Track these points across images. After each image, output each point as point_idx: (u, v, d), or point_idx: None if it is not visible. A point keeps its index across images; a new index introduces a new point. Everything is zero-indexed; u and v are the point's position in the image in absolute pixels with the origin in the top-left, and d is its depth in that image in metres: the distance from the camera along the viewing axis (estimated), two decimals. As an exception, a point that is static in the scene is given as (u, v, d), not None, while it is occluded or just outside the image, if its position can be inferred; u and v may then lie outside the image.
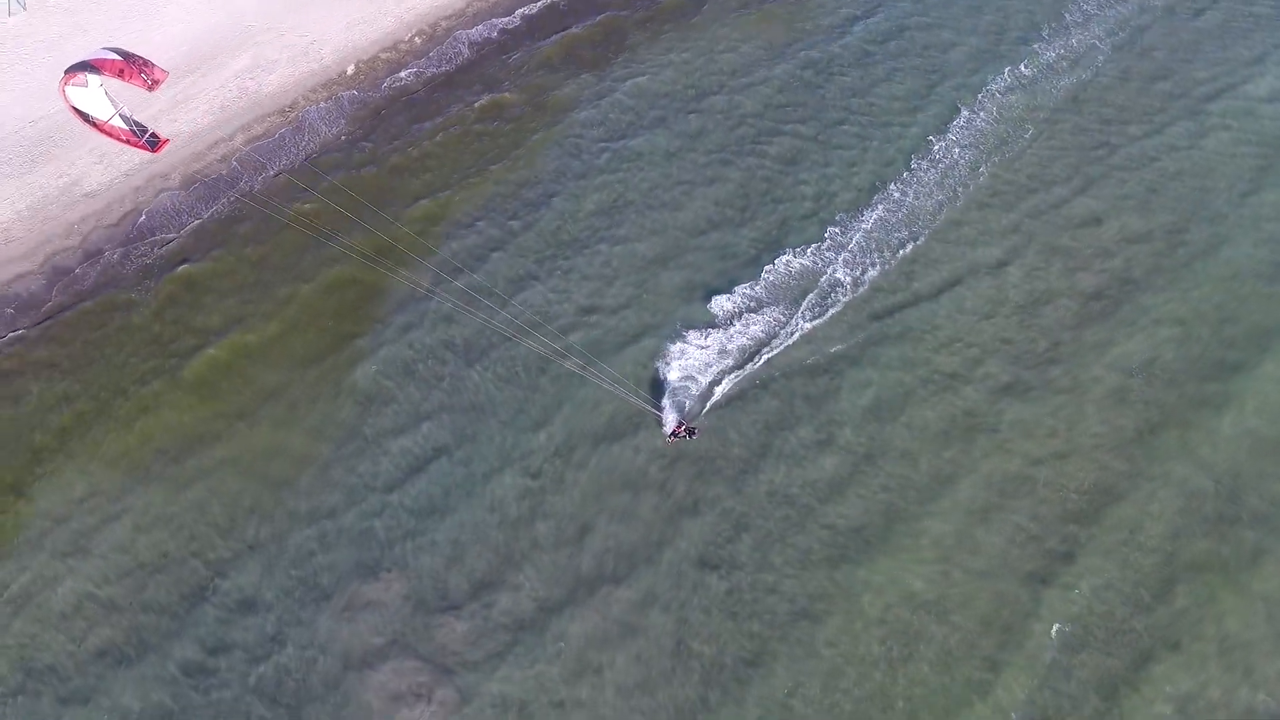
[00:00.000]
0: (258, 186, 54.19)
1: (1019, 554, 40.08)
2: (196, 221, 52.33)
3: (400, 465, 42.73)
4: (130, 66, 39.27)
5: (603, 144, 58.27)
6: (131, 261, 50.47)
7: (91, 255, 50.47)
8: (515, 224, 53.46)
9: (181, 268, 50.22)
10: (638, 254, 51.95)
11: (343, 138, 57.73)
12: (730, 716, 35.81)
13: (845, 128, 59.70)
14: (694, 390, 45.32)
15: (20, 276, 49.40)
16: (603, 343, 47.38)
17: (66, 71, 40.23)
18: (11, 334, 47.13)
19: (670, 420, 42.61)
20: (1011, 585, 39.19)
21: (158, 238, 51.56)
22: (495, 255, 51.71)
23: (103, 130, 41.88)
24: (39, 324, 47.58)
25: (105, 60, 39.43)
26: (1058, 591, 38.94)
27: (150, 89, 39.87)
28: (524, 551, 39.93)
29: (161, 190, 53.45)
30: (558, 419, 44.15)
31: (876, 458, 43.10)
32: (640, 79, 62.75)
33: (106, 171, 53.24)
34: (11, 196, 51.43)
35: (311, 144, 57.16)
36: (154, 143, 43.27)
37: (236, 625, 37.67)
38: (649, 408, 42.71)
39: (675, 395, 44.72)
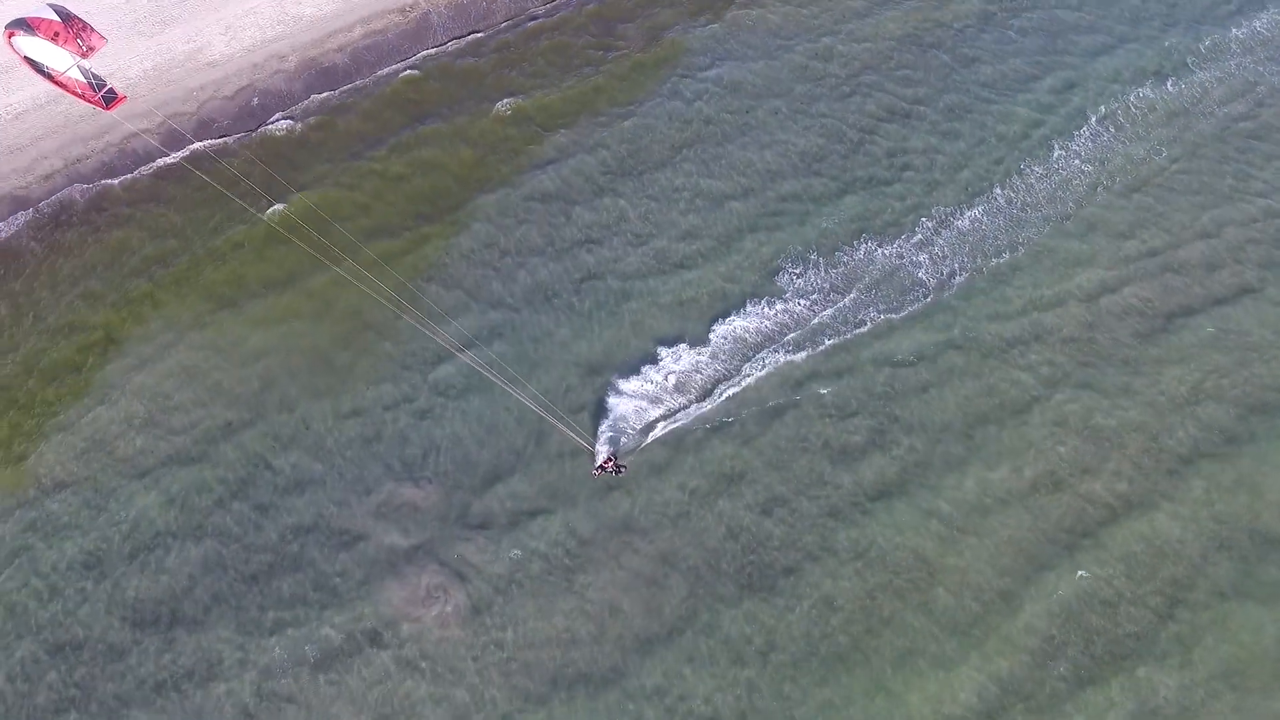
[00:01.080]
0: (369, 79, 59.95)
1: (1033, 541, 42.22)
2: (304, 103, 58.09)
3: (460, 358, 46.85)
4: (67, 30, 39.96)
5: (702, 74, 61.75)
6: (240, 131, 56.58)
7: (204, 125, 55.96)
8: (602, 134, 57.77)
9: (283, 123, 56.82)
10: (714, 191, 55.08)
11: (453, 42, 62.63)
12: (718, 636, 39.18)
13: (959, 102, 60.87)
14: (745, 352, 47.96)
15: (138, 134, 55.83)
16: (653, 269, 51.20)
17: (6, 28, 40.70)
18: (125, 177, 53.87)
19: (601, 453, 43.97)
20: (1017, 567, 41.47)
21: (268, 117, 57.48)
22: (573, 161, 56.03)
23: (56, 82, 41.87)
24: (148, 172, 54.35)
25: (42, 20, 39.97)
26: (1060, 583, 41.01)
27: (84, 55, 40.40)
28: (556, 468, 43.70)
29: (277, 71, 58.71)
30: (596, 338, 48.34)
31: (914, 429, 45.49)
32: (754, 11, 65.92)
33: (230, 44, 58.87)
34: (141, 55, 57.23)
35: (427, 44, 62.10)
36: (110, 99, 43.27)
37: (279, 471, 42.75)
38: (580, 441, 44.00)
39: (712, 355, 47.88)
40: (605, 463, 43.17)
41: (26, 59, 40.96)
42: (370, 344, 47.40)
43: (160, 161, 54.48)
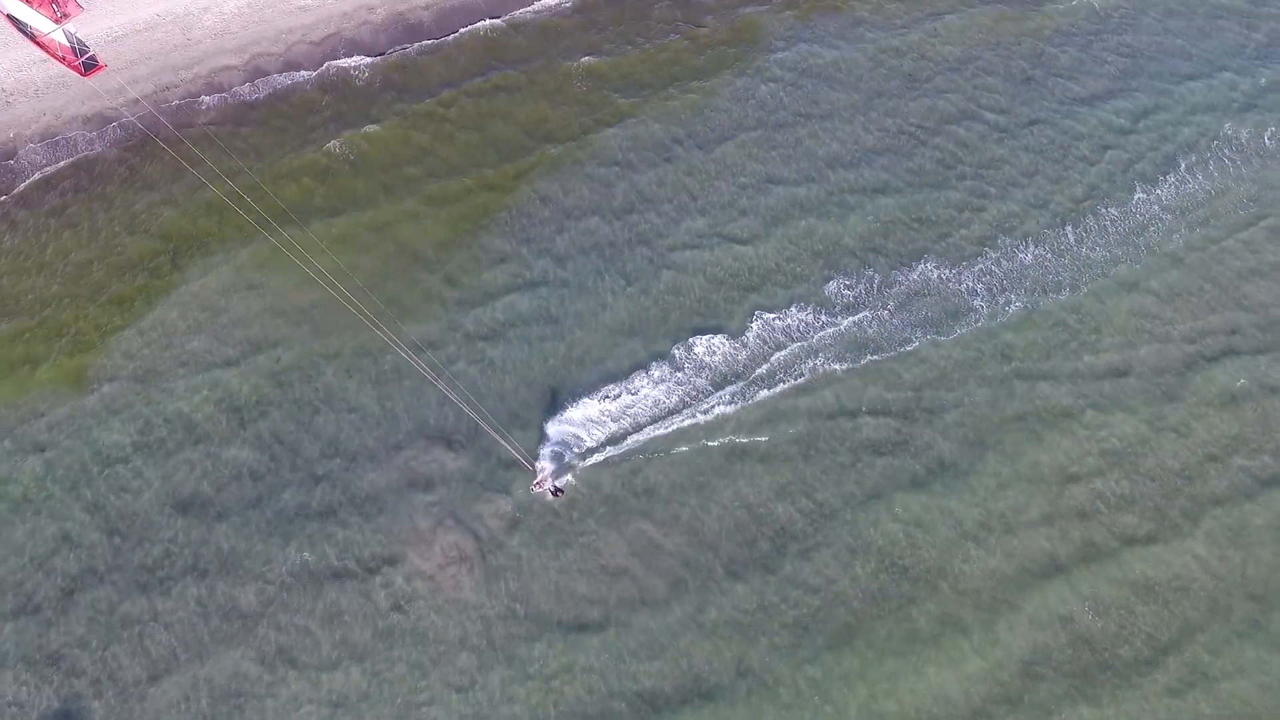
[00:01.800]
0: (450, 37, 63.45)
1: (1049, 558, 43.80)
2: (386, 52, 61.99)
3: (502, 302, 50.20)
4: None
5: (778, 55, 64.10)
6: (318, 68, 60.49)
7: (290, 66, 59.68)
8: (672, 104, 60.56)
9: (362, 60, 60.83)
10: (773, 175, 57.30)
11: (529, 9, 65.93)
12: (721, 608, 41.48)
13: (1040, 126, 61.61)
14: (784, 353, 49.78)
15: (225, 69, 59.00)
16: (702, 244, 53.67)
17: None
18: (209, 99, 57.92)
19: (542, 473, 44.78)
20: (1028, 581, 43.07)
21: (350, 61, 61.57)
22: (640, 126, 59.07)
23: (38, 43, 43.63)
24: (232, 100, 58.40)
25: None
26: (1068, 602, 42.63)
27: (58, 21, 42.41)
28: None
29: (364, 22, 62.16)
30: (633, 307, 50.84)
31: (949, 441, 47.34)
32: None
33: (323, -11, 63.35)
34: (238, -9, 62.59)
35: (512, 7, 65.48)
36: (90, 65, 45.03)
37: (321, 392, 46.03)
38: (522, 460, 45.05)
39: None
40: (540, 482, 44.06)
41: (9, 17, 42.95)
42: (419, 279, 50.59)
43: (241, 92, 58.55)
